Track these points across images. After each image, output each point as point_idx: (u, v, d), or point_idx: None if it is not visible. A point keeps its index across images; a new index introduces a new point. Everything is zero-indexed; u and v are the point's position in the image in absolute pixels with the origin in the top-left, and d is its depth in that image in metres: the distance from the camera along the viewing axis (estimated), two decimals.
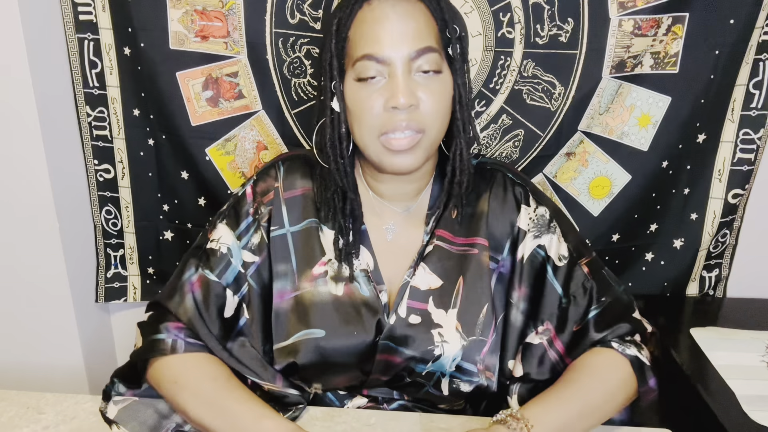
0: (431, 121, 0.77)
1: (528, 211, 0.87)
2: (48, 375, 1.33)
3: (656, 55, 1.11)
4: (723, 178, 1.23)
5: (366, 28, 0.75)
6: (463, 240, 0.86)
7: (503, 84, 1.13)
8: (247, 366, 0.82)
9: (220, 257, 0.84)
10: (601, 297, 0.84)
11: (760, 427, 0.87)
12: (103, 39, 1.15)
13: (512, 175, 0.90)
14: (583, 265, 0.85)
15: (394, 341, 0.82)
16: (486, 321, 0.83)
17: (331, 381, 0.85)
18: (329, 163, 0.81)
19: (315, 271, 0.84)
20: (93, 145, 1.23)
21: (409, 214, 0.88)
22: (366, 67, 0.75)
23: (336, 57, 0.77)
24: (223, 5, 1.10)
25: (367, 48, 0.74)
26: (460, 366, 0.82)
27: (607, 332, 0.82)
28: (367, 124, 0.77)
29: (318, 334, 0.81)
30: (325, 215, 0.86)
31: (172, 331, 0.80)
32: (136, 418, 0.77)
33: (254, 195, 0.87)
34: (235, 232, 0.85)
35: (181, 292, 0.82)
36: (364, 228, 0.86)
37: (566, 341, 0.83)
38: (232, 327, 0.84)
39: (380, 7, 0.74)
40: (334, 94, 0.78)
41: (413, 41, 0.74)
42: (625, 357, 0.80)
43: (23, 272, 1.24)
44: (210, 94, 1.16)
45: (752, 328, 1.15)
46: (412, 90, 0.75)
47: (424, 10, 0.76)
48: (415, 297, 0.83)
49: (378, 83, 0.76)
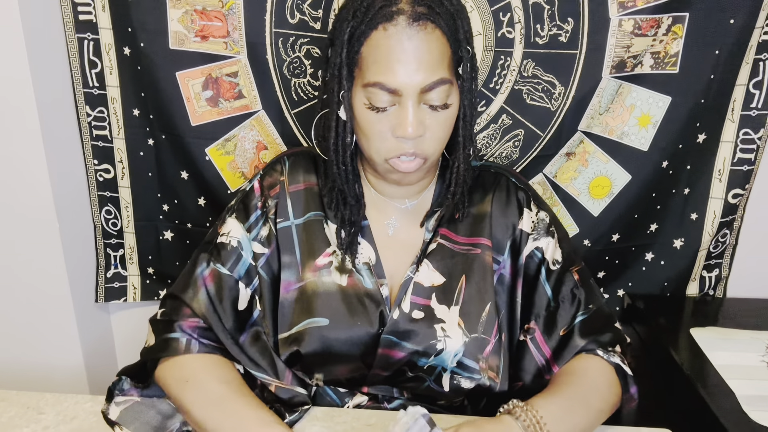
0: (436, 148, 0.79)
1: (531, 215, 0.89)
2: (48, 375, 1.33)
3: (656, 55, 1.11)
4: (723, 178, 1.23)
5: (380, 54, 0.73)
6: (466, 239, 0.88)
7: (503, 84, 1.13)
8: (258, 363, 0.83)
9: (231, 251, 0.85)
10: (588, 304, 0.86)
11: (760, 427, 0.87)
12: (103, 39, 1.15)
13: (515, 180, 0.91)
14: (574, 272, 0.87)
15: (397, 335, 0.83)
16: (489, 320, 0.84)
17: (333, 371, 0.86)
18: (332, 167, 0.82)
19: (319, 261, 0.85)
20: (93, 145, 1.23)
21: (410, 210, 0.89)
22: (377, 95, 0.74)
23: (346, 66, 0.76)
24: (223, 5, 1.10)
25: (379, 76, 0.73)
26: (462, 362, 0.83)
27: (591, 338, 0.84)
28: (375, 147, 0.78)
29: (322, 323, 0.82)
30: (328, 206, 0.87)
31: (186, 331, 0.81)
32: (138, 418, 0.77)
33: (262, 189, 0.88)
34: (244, 225, 0.86)
35: (195, 286, 0.83)
36: (366, 223, 0.88)
37: (553, 346, 0.85)
38: (246, 319, 0.85)
39: (396, 36, 0.72)
40: (341, 103, 0.78)
41: (426, 74, 0.73)
42: (610, 364, 0.83)
43: (23, 272, 1.24)
44: (210, 94, 1.16)
45: (752, 328, 1.15)
46: (420, 120, 0.75)
47: (439, 36, 0.74)
48: (419, 293, 0.85)
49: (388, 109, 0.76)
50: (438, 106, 0.76)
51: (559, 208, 1.24)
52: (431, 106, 0.76)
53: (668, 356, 1.07)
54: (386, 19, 0.72)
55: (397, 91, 0.73)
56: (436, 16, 0.73)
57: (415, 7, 0.72)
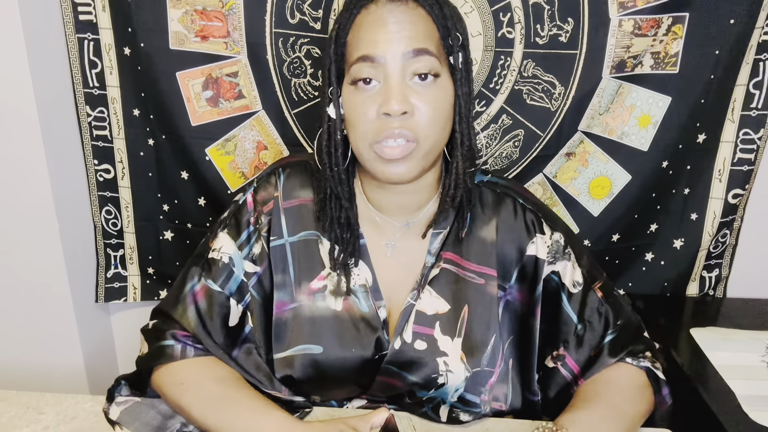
0: (426, 130, 0.73)
1: (545, 240, 0.84)
2: (48, 375, 1.33)
3: (656, 55, 1.11)
4: (723, 178, 1.23)
5: (362, 32, 0.73)
6: (472, 266, 0.84)
7: (503, 84, 1.13)
8: (254, 375, 0.81)
9: (222, 267, 0.82)
10: (616, 321, 0.84)
11: (760, 427, 0.87)
12: (103, 39, 1.15)
13: (522, 201, 0.86)
14: (597, 289, 0.84)
15: (397, 366, 0.80)
16: (493, 353, 0.81)
17: (329, 394, 0.85)
18: (325, 170, 0.80)
19: (314, 285, 0.83)
20: (93, 145, 1.23)
21: (409, 229, 0.85)
22: (360, 68, 0.73)
23: (334, 63, 0.76)
24: (223, 5, 1.10)
25: (361, 50, 0.72)
26: (463, 397, 0.80)
27: (622, 354, 0.83)
28: (360, 131, 0.74)
29: (315, 350, 0.80)
30: (322, 224, 0.84)
31: (180, 339, 0.80)
32: (139, 418, 0.77)
33: (255, 204, 0.85)
34: (236, 242, 0.84)
35: (184, 303, 0.81)
36: (363, 242, 0.84)
37: (582, 363, 0.83)
38: (238, 335, 0.83)
39: (377, 12, 0.73)
40: (331, 100, 0.77)
41: (409, 41, 0.71)
42: (640, 368, 0.82)
43: (23, 272, 1.24)
44: (210, 94, 1.16)
45: (752, 328, 1.15)
46: (405, 96, 0.72)
47: (424, 15, 0.74)
48: (421, 322, 0.81)
49: (372, 89, 0.73)
50: (424, 74, 0.73)
51: (559, 208, 1.24)
52: (420, 77, 0.73)
53: (668, 356, 1.07)
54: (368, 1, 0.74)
55: (378, 59, 0.71)
56: None
57: None
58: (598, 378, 0.81)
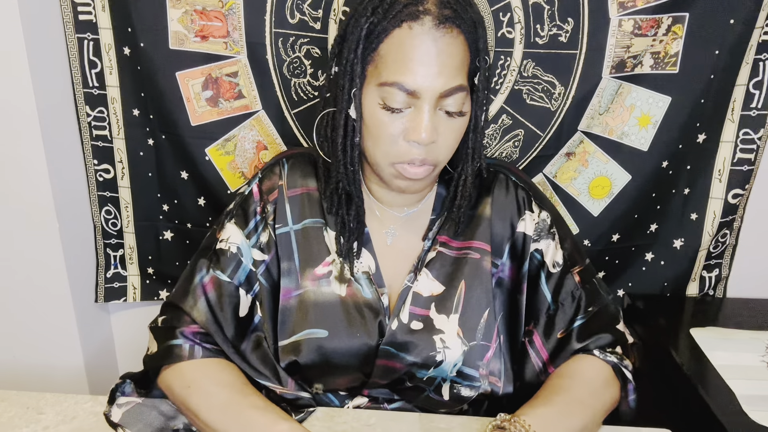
0: (446, 155, 0.78)
1: (533, 217, 0.87)
2: (48, 375, 1.33)
3: (656, 55, 1.11)
4: (723, 178, 1.23)
5: (402, 54, 0.71)
6: (461, 243, 0.86)
7: (503, 84, 1.13)
8: (260, 371, 0.82)
9: (231, 257, 0.83)
10: (588, 306, 0.85)
11: (760, 427, 0.87)
12: (103, 39, 1.15)
13: (515, 178, 0.89)
14: (575, 273, 0.86)
15: (395, 347, 0.82)
16: (487, 326, 0.83)
17: (332, 382, 0.85)
18: (338, 167, 0.80)
19: (318, 271, 0.84)
20: (93, 145, 1.23)
21: (409, 218, 0.87)
22: (393, 96, 0.72)
23: (360, 63, 0.74)
24: (223, 5, 1.10)
25: (399, 76, 0.71)
26: (461, 371, 0.82)
27: (589, 341, 0.83)
28: (383, 150, 0.76)
29: (321, 334, 0.81)
30: (328, 210, 0.85)
31: (188, 336, 0.80)
32: (141, 420, 0.77)
33: (261, 193, 0.86)
34: (244, 231, 0.85)
35: (194, 294, 0.82)
36: (366, 231, 0.86)
37: (551, 349, 0.84)
38: (247, 326, 0.84)
39: (421, 36, 0.70)
40: (352, 101, 0.75)
41: (447, 79, 0.72)
42: (606, 363, 0.82)
43: (23, 272, 1.24)
44: (210, 94, 1.16)
45: (752, 328, 1.15)
46: (435, 126, 0.73)
47: (462, 42, 0.73)
48: (418, 303, 0.83)
49: (403, 114, 0.74)
50: (454, 113, 0.75)
51: (560, 208, 1.24)
52: (447, 113, 0.74)
53: (668, 356, 1.07)
54: (412, 17, 0.71)
55: (416, 93, 0.72)
56: (461, 21, 0.72)
57: (441, 10, 0.71)
58: (564, 371, 0.82)
